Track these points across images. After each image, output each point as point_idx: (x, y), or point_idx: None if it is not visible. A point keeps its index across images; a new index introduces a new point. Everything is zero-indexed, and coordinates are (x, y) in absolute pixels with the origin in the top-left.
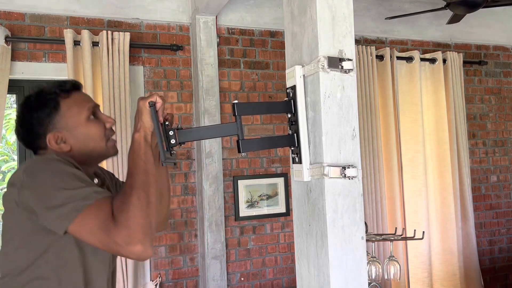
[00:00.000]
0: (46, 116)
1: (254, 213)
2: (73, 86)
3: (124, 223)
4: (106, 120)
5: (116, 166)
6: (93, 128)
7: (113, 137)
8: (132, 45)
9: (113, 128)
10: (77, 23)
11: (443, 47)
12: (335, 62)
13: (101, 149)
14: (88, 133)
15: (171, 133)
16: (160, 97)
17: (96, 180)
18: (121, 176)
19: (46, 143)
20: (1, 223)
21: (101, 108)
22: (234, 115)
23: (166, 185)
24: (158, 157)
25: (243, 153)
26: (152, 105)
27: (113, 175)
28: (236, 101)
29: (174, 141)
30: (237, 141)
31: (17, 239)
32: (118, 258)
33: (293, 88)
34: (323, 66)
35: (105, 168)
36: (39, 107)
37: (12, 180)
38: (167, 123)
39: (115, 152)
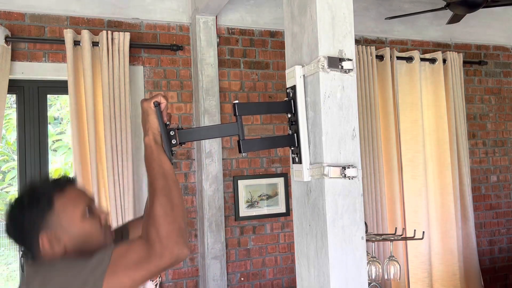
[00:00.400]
0: (39, 216)
1: (254, 213)
2: (67, 182)
3: (156, 239)
4: (101, 215)
5: (117, 183)
6: (88, 226)
7: (110, 228)
8: (132, 45)
9: (108, 220)
10: (77, 23)
11: (443, 47)
12: (335, 62)
13: (99, 244)
14: (83, 231)
15: (171, 133)
16: (164, 97)
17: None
18: (124, 180)
19: (39, 245)
20: None
21: (101, 108)
22: (235, 115)
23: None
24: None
25: (243, 153)
26: (157, 105)
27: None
28: (236, 101)
29: (174, 141)
30: (238, 141)
31: None
32: None
33: (293, 88)
34: (323, 66)
35: (106, 180)
36: (32, 205)
37: None
38: (167, 123)
39: (112, 239)
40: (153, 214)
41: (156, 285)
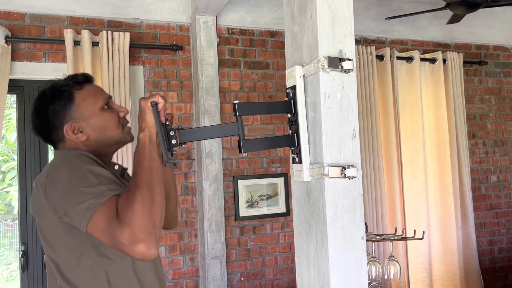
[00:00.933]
0: (62, 108)
1: (254, 213)
2: (85, 79)
3: (127, 222)
4: (119, 109)
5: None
6: (108, 117)
7: (128, 124)
8: (132, 45)
9: (127, 117)
10: (77, 23)
11: (443, 47)
12: (335, 62)
13: (118, 136)
14: (103, 122)
15: (171, 133)
16: (162, 97)
17: (116, 167)
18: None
19: (64, 134)
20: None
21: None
22: (235, 115)
23: (172, 184)
24: (161, 156)
25: (244, 153)
26: (154, 105)
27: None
28: (237, 101)
29: (174, 141)
30: (238, 141)
31: (63, 244)
32: None
33: (293, 88)
34: (323, 66)
35: None
36: (54, 99)
37: (38, 182)
38: (167, 123)
39: (131, 138)
40: (132, 201)
41: None
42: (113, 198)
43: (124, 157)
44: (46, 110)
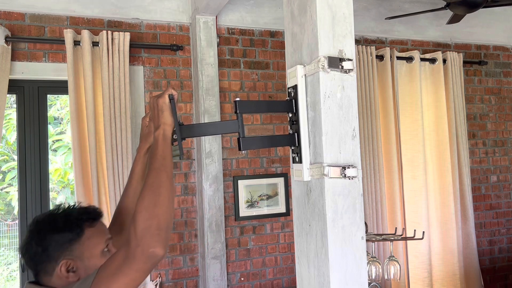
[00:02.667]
0: (68, 241)
1: (254, 213)
2: (98, 215)
3: (133, 236)
4: (112, 252)
5: (117, 179)
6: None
7: None
8: (132, 45)
9: None
10: (77, 23)
11: (443, 47)
12: (335, 62)
13: None
14: (99, 266)
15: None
16: (173, 89)
17: None
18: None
19: (55, 269)
20: None
21: (101, 108)
22: (236, 112)
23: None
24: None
25: (243, 151)
26: (172, 98)
27: None
28: (238, 99)
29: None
30: (238, 139)
31: None
32: None
33: (295, 87)
34: (323, 66)
35: (106, 180)
36: (63, 230)
37: None
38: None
39: None
40: (136, 210)
41: (156, 285)
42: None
43: (124, 157)
44: (50, 237)
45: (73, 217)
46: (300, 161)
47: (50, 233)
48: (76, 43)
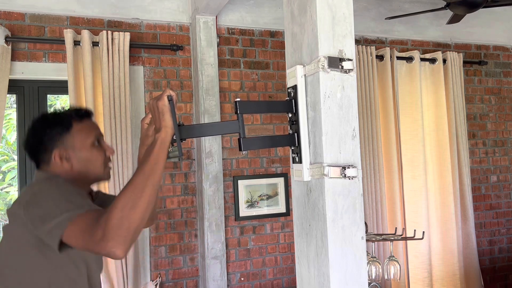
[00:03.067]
0: (58, 133)
1: (254, 213)
2: (86, 113)
3: (103, 223)
4: (107, 149)
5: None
6: (95, 154)
7: (110, 164)
8: (132, 45)
9: (111, 157)
10: (77, 23)
11: (443, 47)
12: (335, 62)
13: (99, 173)
14: (90, 157)
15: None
16: (171, 89)
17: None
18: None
19: (51, 158)
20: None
21: (101, 108)
22: (236, 112)
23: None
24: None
25: (243, 152)
26: (171, 99)
27: (100, 192)
28: (238, 99)
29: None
30: (239, 139)
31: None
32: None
33: (294, 87)
34: (323, 66)
35: (106, 184)
36: (54, 124)
37: (19, 199)
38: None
39: (108, 178)
40: (114, 204)
41: (156, 285)
42: (93, 210)
43: (124, 157)
44: (43, 131)
45: (62, 113)
46: (300, 161)
47: (43, 128)
48: (76, 43)
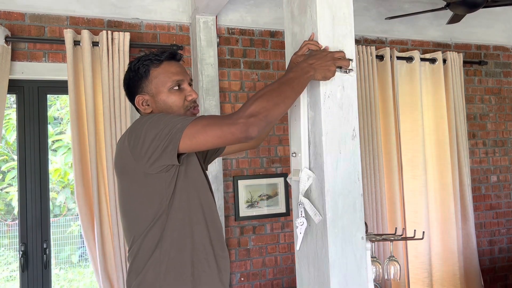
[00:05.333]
0: (138, 80)
1: (254, 213)
2: (167, 57)
3: (244, 109)
4: (188, 93)
5: None
6: (174, 98)
7: (194, 110)
8: (132, 45)
9: (196, 101)
10: (77, 23)
11: (443, 47)
12: None
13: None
14: (168, 101)
15: None
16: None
17: None
18: None
19: (135, 102)
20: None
21: (101, 108)
22: None
23: None
24: None
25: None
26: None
27: None
28: None
29: None
30: None
31: (138, 201)
32: (122, 253)
33: None
34: None
35: (106, 180)
36: (135, 70)
37: (122, 139)
38: None
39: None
40: (257, 96)
41: None
42: (200, 117)
43: None
44: (127, 78)
45: (142, 60)
46: (300, 161)
47: (127, 74)
48: (76, 43)
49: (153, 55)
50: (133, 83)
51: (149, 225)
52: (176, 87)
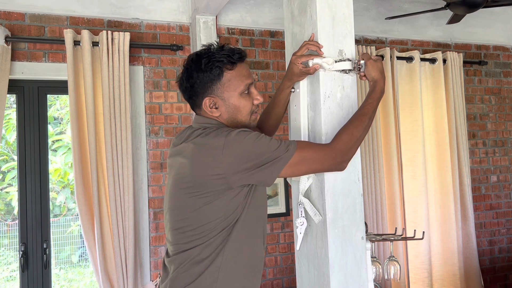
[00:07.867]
0: (209, 81)
1: None
2: (239, 59)
3: (342, 146)
4: (255, 97)
5: (115, 159)
6: (244, 102)
7: (256, 114)
8: (132, 45)
9: (259, 105)
10: (77, 23)
11: (443, 47)
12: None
13: (245, 122)
14: (238, 105)
15: None
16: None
17: None
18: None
19: (201, 103)
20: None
21: (101, 108)
22: None
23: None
24: None
25: None
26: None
27: None
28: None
29: None
30: None
31: (210, 209)
32: (122, 253)
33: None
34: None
35: (106, 180)
36: (205, 70)
37: (197, 151)
38: None
39: (255, 125)
40: (345, 132)
41: (156, 285)
42: (296, 144)
43: (124, 157)
44: (195, 76)
45: (215, 59)
46: None
47: (195, 72)
48: (76, 43)
49: (225, 56)
50: (203, 84)
51: (217, 234)
52: (246, 91)
